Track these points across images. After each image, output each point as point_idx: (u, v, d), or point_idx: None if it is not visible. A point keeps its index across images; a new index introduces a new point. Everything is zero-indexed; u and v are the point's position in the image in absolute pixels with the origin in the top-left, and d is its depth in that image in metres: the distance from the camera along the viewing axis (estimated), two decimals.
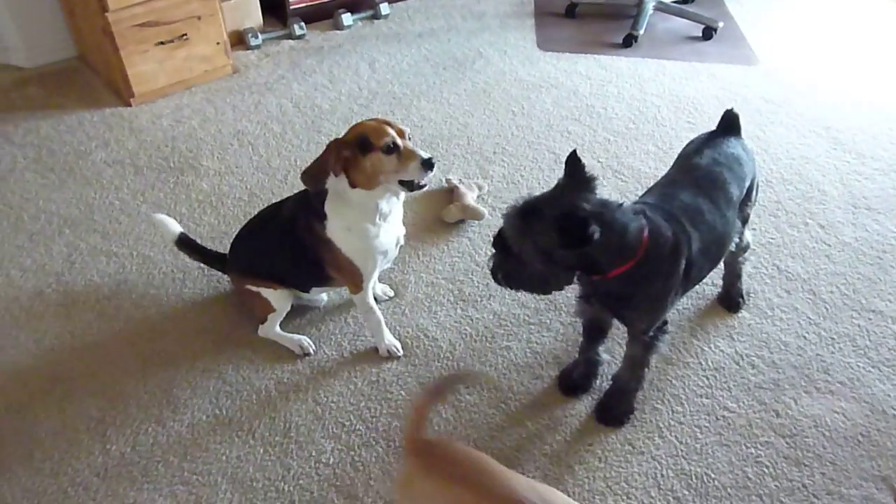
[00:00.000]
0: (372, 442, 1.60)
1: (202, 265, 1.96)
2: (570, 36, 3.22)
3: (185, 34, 2.63)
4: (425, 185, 1.57)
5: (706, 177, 1.55)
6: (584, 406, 1.69)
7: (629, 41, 3.12)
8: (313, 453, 1.57)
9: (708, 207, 1.50)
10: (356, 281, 1.67)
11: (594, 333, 1.67)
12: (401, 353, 1.80)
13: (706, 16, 3.23)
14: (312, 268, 1.69)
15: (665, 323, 1.54)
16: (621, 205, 1.35)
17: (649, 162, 2.46)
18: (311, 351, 1.79)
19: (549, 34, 3.23)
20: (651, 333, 1.52)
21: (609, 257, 1.34)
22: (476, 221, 2.18)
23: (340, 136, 1.55)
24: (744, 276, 1.91)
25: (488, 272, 1.45)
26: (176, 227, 1.84)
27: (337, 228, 1.61)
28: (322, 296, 1.92)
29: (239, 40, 3.02)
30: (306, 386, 1.71)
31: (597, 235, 1.24)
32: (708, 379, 1.76)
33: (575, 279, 1.41)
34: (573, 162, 1.34)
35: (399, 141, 1.53)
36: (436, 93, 2.79)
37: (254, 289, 1.73)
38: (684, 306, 1.93)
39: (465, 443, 1.60)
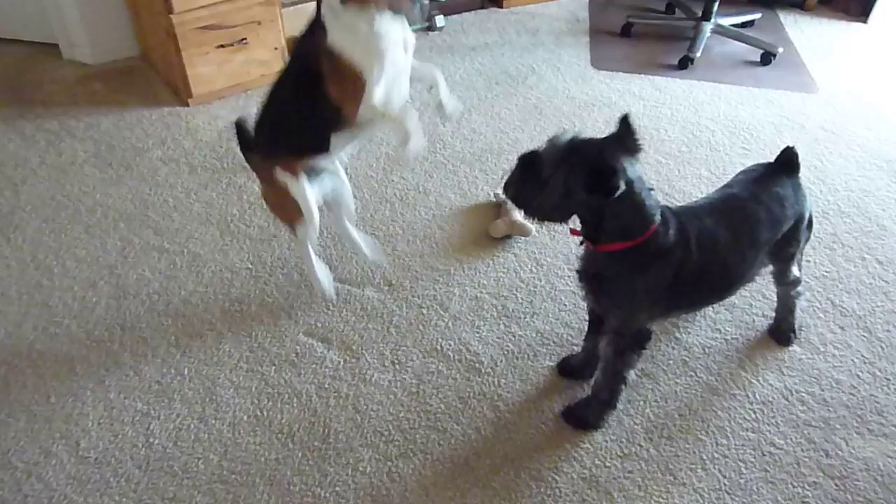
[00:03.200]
0: (409, 454, 1.59)
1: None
2: (625, 55, 3.20)
3: (245, 38, 2.69)
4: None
5: (739, 211, 1.54)
6: (624, 431, 1.66)
7: (685, 63, 3.09)
8: (351, 461, 1.57)
9: (726, 240, 1.49)
10: (357, 89, 1.55)
11: (594, 323, 1.68)
12: (424, 142, 1.64)
13: (765, 41, 3.18)
14: (322, 102, 1.59)
15: (644, 338, 1.53)
16: (652, 189, 1.38)
17: (701, 186, 2.41)
18: (330, 298, 1.90)
19: (604, 53, 3.21)
20: (625, 339, 1.51)
21: (613, 226, 1.37)
22: (523, 238, 2.17)
23: None
24: (797, 310, 1.86)
25: (532, 286, 1.46)
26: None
27: (337, 35, 1.53)
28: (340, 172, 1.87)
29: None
30: (347, 393, 1.71)
31: (620, 191, 1.28)
32: (755, 413, 1.71)
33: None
34: (626, 124, 1.37)
35: None
36: (487, 107, 2.79)
37: (281, 179, 1.69)
38: (733, 336, 1.89)
39: (501, 460, 1.58)
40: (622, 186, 1.28)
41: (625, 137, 1.36)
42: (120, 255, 2.07)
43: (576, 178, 1.31)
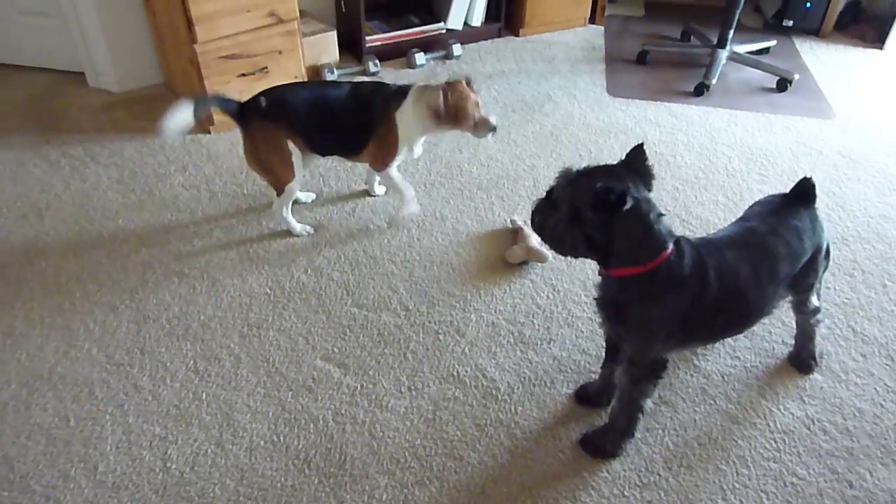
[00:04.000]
0: (426, 481, 1.58)
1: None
2: (641, 83, 3.22)
3: (266, 67, 2.74)
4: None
5: (759, 245, 1.52)
6: (643, 460, 1.64)
7: (701, 90, 3.10)
8: (367, 488, 1.57)
9: (746, 274, 1.47)
10: (387, 159, 2.11)
11: (611, 351, 1.66)
12: (417, 208, 2.23)
13: (781, 67, 3.19)
14: (360, 135, 2.07)
15: (660, 367, 1.52)
16: (663, 215, 1.37)
17: (718, 213, 2.41)
18: (308, 233, 2.24)
19: (620, 80, 3.23)
20: (640, 368, 1.50)
21: (622, 248, 1.36)
22: (539, 264, 2.17)
23: (447, 89, 2.02)
24: (817, 337, 1.84)
25: (549, 312, 1.46)
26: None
27: (404, 116, 2.05)
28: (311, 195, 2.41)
29: (315, 74, 3.12)
30: (363, 419, 1.71)
31: (625, 206, 1.28)
32: (776, 442, 1.69)
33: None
34: (637, 152, 1.38)
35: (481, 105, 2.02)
36: (503, 133, 2.82)
37: (286, 143, 2.05)
38: (752, 364, 1.87)
39: (518, 489, 1.57)
40: (627, 202, 1.29)
41: (635, 163, 1.38)
42: (140, 280, 2.09)
43: (582, 198, 1.32)
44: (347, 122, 2.07)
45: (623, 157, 1.39)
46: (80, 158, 2.62)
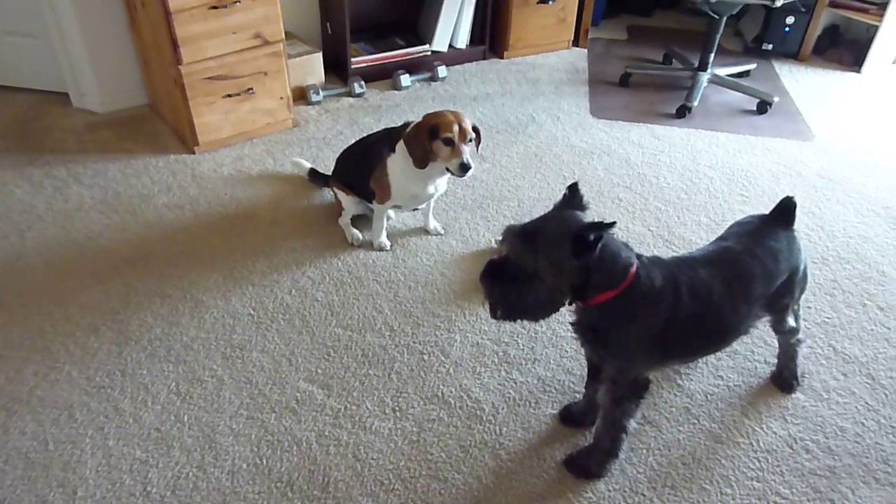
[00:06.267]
0: (410, 503, 1.57)
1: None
2: (624, 105, 3.26)
3: (251, 88, 2.75)
4: (464, 175, 2.04)
5: (734, 265, 1.54)
6: (627, 480, 1.64)
7: (683, 112, 3.14)
8: None
9: (720, 291, 1.48)
10: (383, 197, 2.21)
11: (593, 371, 1.67)
12: (388, 247, 2.32)
13: (761, 90, 3.24)
14: (368, 178, 2.21)
15: (642, 387, 1.52)
16: (613, 233, 1.40)
17: (700, 233, 2.43)
18: (356, 243, 2.33)
19: (603, 102, 3.27)
20: (621, 388, 1.50)
21: (599, 279, 1.37)
22: None
23: (426, 118, 2.06)
24: (799, 357, 1.86)
25: (533, 332, 1.44)
26: (307, 164, 2.59)
27: (394, 162, 2.14)
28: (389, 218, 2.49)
29: (301, 95, 3.14)
30: (347, 441, 1.70)
31: (602, 240, 1.31)
32: (759, 461, 1.69)
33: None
34: (574, 190, 1.40)
35: (456, 140, 2.01)
36: (488, 154, 2.84)
37: (336, 190, 2.35)
38: (735, 383, 1.88)
39: None
40: (607, 237, 1.31)
41: (573, 201, 1.40)
42: (123, 301, 2.08)
43: (560, 250, 1.31)
44: (357, 168, 2.28)
45: (561, 198, 1.41)
46: (63, 179, 2.61)
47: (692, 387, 1.87)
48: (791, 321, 1.75)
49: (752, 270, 1.54)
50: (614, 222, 1.30)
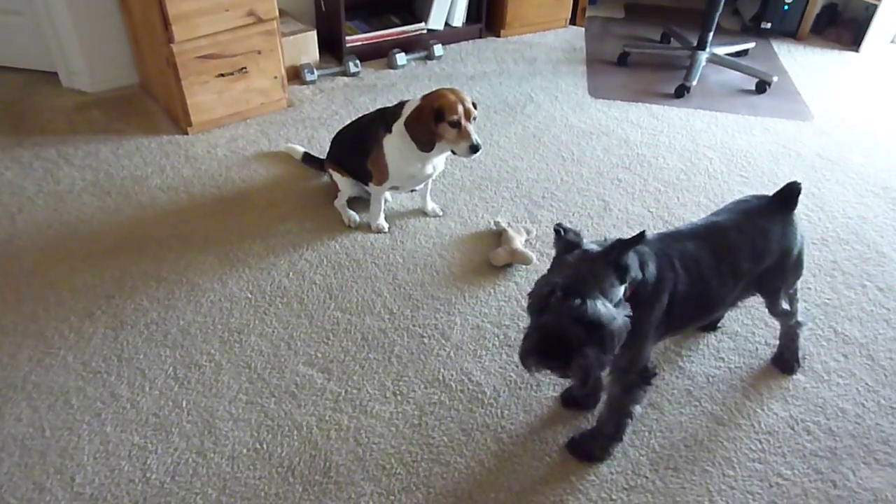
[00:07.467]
0: (412, 487, 1.56)
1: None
2: (622, 84, 3.23)
3: (245, 67, 2.70)
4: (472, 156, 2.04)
5: (721, 239, 1.54)
6: (630, 463, 1.63)
7: (681, 92, 3.11)
8: (352, 496, 1.54)
9: (708, 263, 1.49)
10: (381, 179, 2.16)
11: None
12: (386, 229, 2.28)
13: (760, 69, 3.21)
14: (364, 159, 2.17)
15: (650, 374, 1.52)
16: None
17: (700, 213, 2.41)
18: (353, 225, 2.29)
19: (601, 82, 3.24)
20: (633, 377, 1.50)
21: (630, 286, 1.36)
22: (524, 266, 2.16)
23: (427, 100, 2.01)
24: (800, 339, 1.85)
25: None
26: (300, 149, 2.56)
27: (391, 142, 2.09)
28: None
29: (295, 75, 3.08)
30: (348, 425, 1.69)
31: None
32: (761, 443, 1.69)
33: None
34: (562, 231, 1.35)
35: (463, 121, 1.98)
36: (486, 135, 2.80)
37: (333, 172, 2.30)
38: (736, 365, 1.88)
39: (506, 494, 1.55)
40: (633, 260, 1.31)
41: (569, 245, 1.34)
42: (117, 285, 2.05)
43: (609, 284, 1.26)
44: (352, 149, 2.25)
45: (557, 243, 1.36)
46: (54, 160, 2.56)
47: (693, 369, 1.87)
48: (784, 304, 1.74)
49: (737, 244, 1.54)
50: (643, 233, 1.27)
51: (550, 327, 1.22)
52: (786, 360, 1.87)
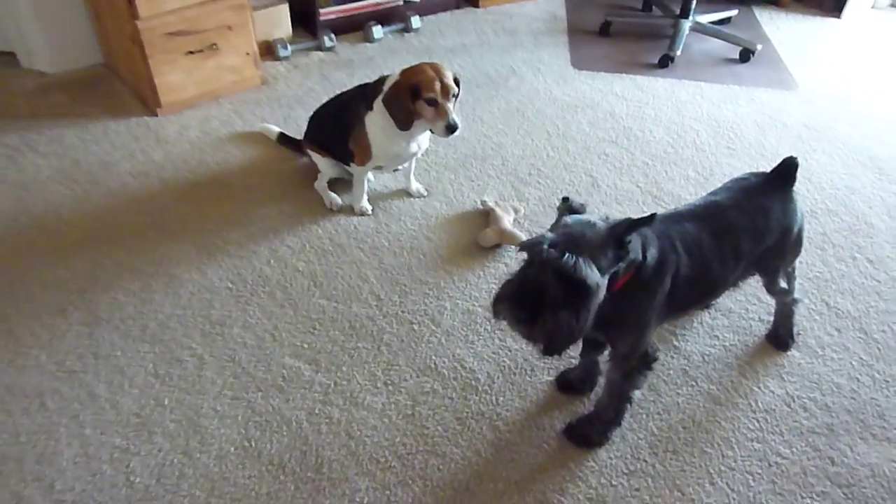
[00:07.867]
0: (408, 481, 1.52)
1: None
2: (605, 55, 3.16)
3: (215, 44, 2.58)
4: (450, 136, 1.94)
5: (720, 218, 1.50)
6: (629, 447, 1.60)
7: (665, 62, 3.06)
8: (347, 491, 1.49)
9: (709, 245, 1.46)
10: (364, 159, 2.09)
11: (591, 342, 1.62)
12: (370, 211, 2.21)
13: (744, 38, 3.17)
14: (345, 139, 2.09)
15: (651, 359, 1.49)
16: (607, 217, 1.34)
17: (689, 188, 2.38)
18: (335, 208, 2.21)
19: (584, 53, 3.17)
20: (633, 362, 1.47)
21: (623, 268, 1.31)
22: (513, 247, 2.10)
23: (405, 75, 1.92)
24: (795, 316, 1.83)
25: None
26: (276, 129, 2.46)
27: (373, 120, 2.01)
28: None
29: (268, 51, 2.97)
30: (339, 418, 1.63)
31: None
32: (759, 422, 1.68)
33: None
34: (567, 202, 1.33)
35: (439, 99, 1.89)
36: (468, 110, 2.73)
37: (311, 153, 2.22)
38: (731, 342, 1.85)
39: (504, 484, 1.52)
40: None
41: (573, 209, 1.32)
42: (90, 278, 1.95)
43: (606, 254, 1.22)
44: (332, 128, 2.15)
45: (560, 209, 1.33)
46: (16, 147, 2.43)
47: (689, 348, 1.84)
48: (782, 283, 1.72)
49: (738, 225, 1.50)
50: (654, 215, 1.23)
51: (532, 279, 1.18)
52: (780, 336, 1.85)
